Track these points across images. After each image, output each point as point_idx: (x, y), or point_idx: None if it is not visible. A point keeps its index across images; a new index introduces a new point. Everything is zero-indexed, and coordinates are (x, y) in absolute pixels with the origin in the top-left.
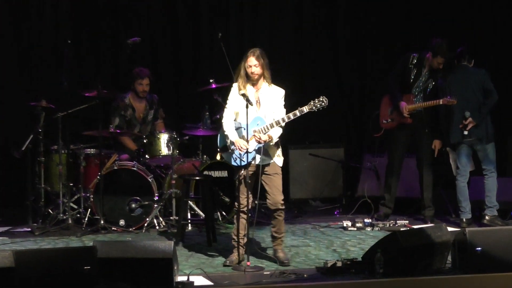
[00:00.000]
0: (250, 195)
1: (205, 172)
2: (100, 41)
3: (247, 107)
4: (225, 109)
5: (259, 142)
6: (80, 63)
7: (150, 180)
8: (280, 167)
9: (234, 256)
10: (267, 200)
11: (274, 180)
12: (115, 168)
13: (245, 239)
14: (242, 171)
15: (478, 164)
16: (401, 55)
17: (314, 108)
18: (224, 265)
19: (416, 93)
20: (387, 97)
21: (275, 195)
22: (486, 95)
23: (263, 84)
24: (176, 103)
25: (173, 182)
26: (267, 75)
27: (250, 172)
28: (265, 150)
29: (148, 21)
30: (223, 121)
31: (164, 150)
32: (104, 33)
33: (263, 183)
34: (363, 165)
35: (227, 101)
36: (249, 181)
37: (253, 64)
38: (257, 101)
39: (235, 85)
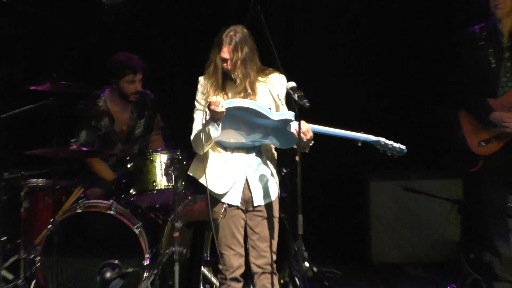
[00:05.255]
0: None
1: None
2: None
3: None
4: None
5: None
6: (28, 44)
7: (137, 231)
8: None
9: None
10: (251, 257)
11: (271, 227)
12: (79, 211)
13: None
14: (224, 206)
15: None
16: None
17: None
18: None
19: (510, 84)
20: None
21: (266, 252)
22: None
23: None
24: (184, 104)
25: (176, 234)
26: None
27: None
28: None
29: None
30: None
31: (162, 181)
32: None
33: (251, 230)
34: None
35: None
36: (242, 226)
37: None
38: None
39: None
